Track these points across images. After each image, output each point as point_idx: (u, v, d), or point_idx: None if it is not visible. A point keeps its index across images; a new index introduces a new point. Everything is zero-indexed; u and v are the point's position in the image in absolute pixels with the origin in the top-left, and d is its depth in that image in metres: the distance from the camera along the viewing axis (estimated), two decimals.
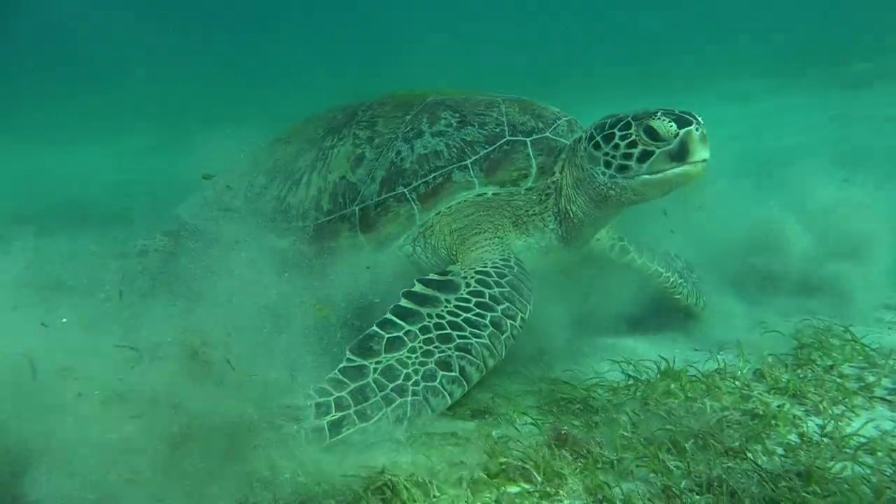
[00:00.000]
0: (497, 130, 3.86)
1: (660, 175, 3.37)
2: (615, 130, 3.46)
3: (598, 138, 3.52)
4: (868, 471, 2.21)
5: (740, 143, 9.24)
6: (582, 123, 4.05)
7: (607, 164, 3.49)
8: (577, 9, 38.94)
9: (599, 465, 2.41)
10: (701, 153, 3.28)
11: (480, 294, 3.23)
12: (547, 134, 3.86)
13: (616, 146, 3.44)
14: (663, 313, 4.80)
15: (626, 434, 2.59)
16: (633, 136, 3.38)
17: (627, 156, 3.41)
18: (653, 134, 3.32)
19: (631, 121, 3.42)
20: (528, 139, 3.82)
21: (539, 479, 2.30)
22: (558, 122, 3.95)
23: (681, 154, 3.29)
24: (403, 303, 3.18)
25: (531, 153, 3.79)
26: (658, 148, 3.33)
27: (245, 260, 3.95)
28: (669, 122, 3.29)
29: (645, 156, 3.36)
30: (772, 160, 8.18)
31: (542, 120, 3.95)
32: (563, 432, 2.59)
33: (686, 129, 3.27)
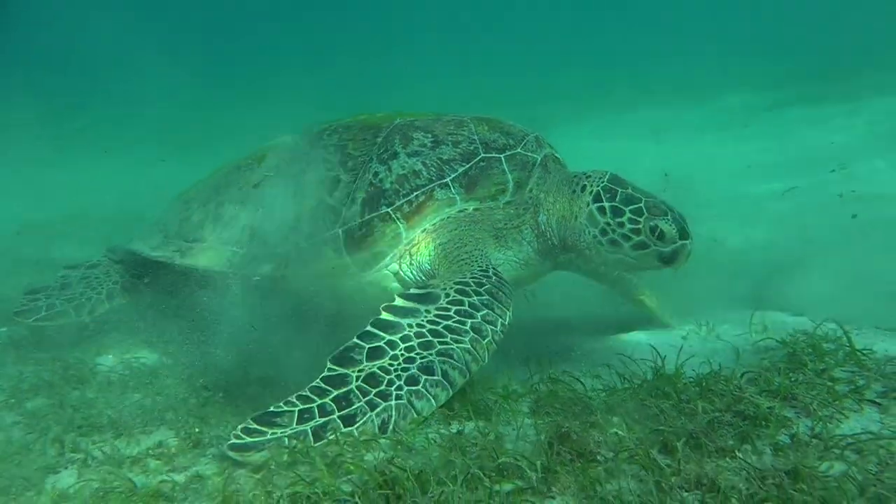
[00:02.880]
0: (471, 148, 4.03)
1: (638, 263, 3.84)
2: (626, 210, 3.77)
3: (606, 205, 3.82)
4: (855, 469, 2.26)
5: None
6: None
7: (603, 232, 3.83)
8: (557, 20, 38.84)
9: (594, 464, 2.46)
10: (681, 265, 3.77)
11: (460, 303, 3.32)
12: (518, 150, 4.08)
13: (621, 224, 3.77)
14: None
15: (620, 433, 2.64)
16: (640, 226, 3.72)
17: (626, 237, 3.76)
18: (658, 234, 3.70)
19: (644, 209, 3.75)
20: (501, 155, 4.02)
21: (533, 476, 2.34)
22: (527, 139, 4.18)
23: (668, 260, 3.76)
24: (384, 315, 3.25)
25: (506, 169, 3.99)
26: (654, 245, 3.72)
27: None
28: (675, 230, 3.69)
29: (640, 246, 3.75)
30: None
31: (511, 137, 4.16)
32: (563, 430, 2.65)
33: (684, 241, 3.71)
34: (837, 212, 6.20)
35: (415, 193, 3.87)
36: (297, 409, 2.76)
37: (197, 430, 3.02)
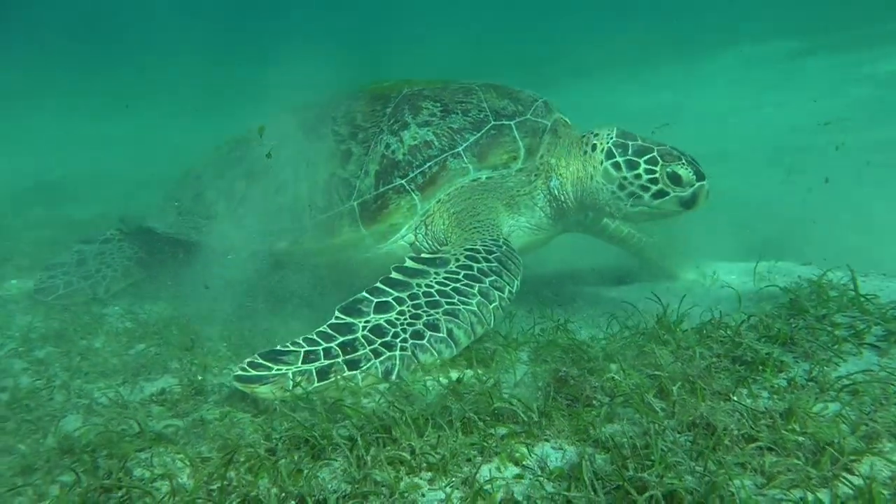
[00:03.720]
0: (481, 116, 4.00)
1: (660, 211, 3.82)
2: (641, 161, 3.78)
3: (619, 160, 3.82)
4: (848, 409, 2.26)
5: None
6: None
7: (621, 187, 3.83)
8: None
9: (589, 408, 2.47)
10: (702, 206, 3.77)
11: (469, 268, 3.37)
12: (528, 116, 4.05)
13: (638, 175, 3.77)
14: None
15: (616, 378, 2.65)
16: (657, 175, 3.73)
17: (645, 188, 3.78)
18: (676, 179, 3.71)
19: (658, 157, 3.75)
20: (512, 122, 4.00)
21: (527, 420, 2.36)
22: (536, 104, 4.14)
23: (688, 203, 3.75)
24: (394, 275, 3.30)
25: (517, 136, 3.96)
26: (673, 191, 3.74)
27: None
28: (692, 172, 3.70)
29: (660, 194, 3.76)
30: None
31: (520, 103, 4.12)
32: (561, 375, 2.66)
33: (701, 183, 3.72)
34: (844, 164, 6.09)
35: (428, 164, 3.86)
36: (302, 349, 2.82)
37: (200, 377, 3.07)
